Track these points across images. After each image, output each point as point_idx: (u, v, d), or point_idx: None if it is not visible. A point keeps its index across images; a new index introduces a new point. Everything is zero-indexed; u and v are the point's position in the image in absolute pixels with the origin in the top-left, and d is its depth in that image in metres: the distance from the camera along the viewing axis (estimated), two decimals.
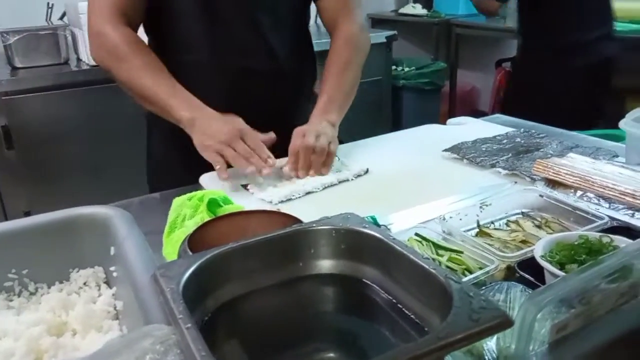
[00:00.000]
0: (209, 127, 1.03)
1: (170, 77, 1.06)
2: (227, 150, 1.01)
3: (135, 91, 1.08)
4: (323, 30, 1.34)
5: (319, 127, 1.07)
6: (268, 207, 0.94)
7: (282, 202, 0.97)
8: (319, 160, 1.05)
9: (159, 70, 1.06)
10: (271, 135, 1.09)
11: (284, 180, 1.04)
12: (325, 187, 1.02)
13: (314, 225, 0.58)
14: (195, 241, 0.64)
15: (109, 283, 0.67)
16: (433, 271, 0.46)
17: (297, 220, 0.67)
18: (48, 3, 2.47)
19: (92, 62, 2.21)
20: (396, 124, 3.32)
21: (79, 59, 2.37)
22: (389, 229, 0.83)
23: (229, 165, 1.02)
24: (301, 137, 1.06)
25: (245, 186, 1.04)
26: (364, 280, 0.55)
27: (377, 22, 3.88)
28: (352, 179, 1.05)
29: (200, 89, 1.07)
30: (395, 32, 3.08)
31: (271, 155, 1.04)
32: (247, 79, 1.14)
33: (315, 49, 1.33)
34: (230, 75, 1.13)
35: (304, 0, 1.23)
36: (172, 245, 0.80)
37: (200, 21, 1.11)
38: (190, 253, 0.59)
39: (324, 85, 1.17)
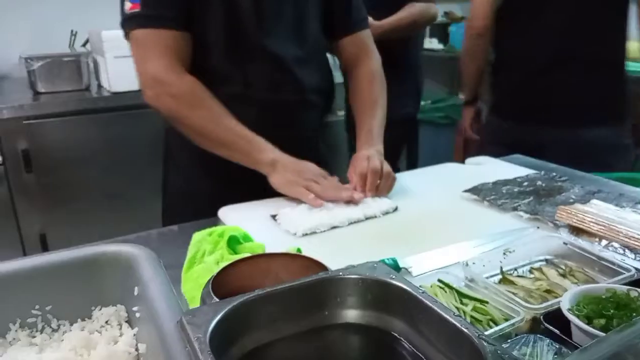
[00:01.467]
0: (291, 166, 1.10)
1: (237, 121, 1.11)
2: (314, 185, 1.08)
3: (208, 136, 1.12)
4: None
5: (376, 153, 1.15)
6: (290, 240, 0.95)
7: (305, 234, 0.97)
8: (387, 183, 1.13)
9: (230, 117, 1.11)
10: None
11: (313, 213, 1.04)
12: (350, 223, 1.02)
13: (340, 273, 0.57)
14: (218, 284, 0.64)
15: (130, 323, 0.67)
16: (465, 330, 0.45)
17: (319, 264, 0.67)
18: (72, 30, 2.53)
19: (113, 89, 2.25)
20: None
21: (100, 86, 2.42)
22: (409, 272, 0.83)
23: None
24: (366, 160, 1.12)
25: (274, 216, 1.04)
26: (392, 332, 0.54)
27: None
28: (379, 216, 1.05)
29: None
30: None
31: None
32: (274, 111, 1.19)
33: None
34: (259, 108, 1.17)
35: (325, 35, 1.28)
36: (191, 282, 0.80)
37: (229, 55, 1.14)
38: (215, 297, 0.58)
39: (362, 118, 1.26)
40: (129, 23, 1.11)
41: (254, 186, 1.12)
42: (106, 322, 0.67)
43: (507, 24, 1.75)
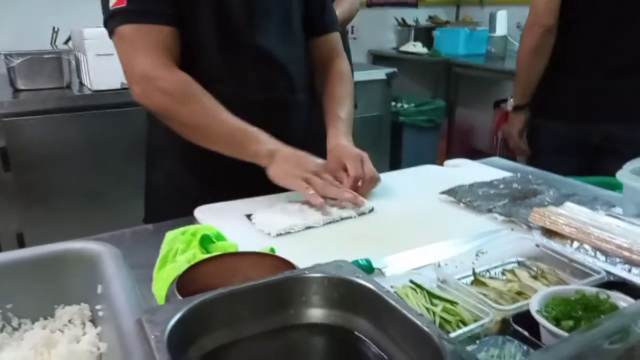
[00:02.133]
0: (291, 158, 1.07)
1: (232, 115, 1.07)
2: (315, 179, 1.04)
3: (202, 131, 1.09)
4: None
5: (359, 152, 1.15)
6: (265, 240, 0.94)
7: (280, 234, 0.96)
8: (372, 188, 1.14)
9: (223, 110, 1.07)
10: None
11: (288, 213, 1.03)
12: (326, 223, 1.01)
13: (306, 272, 0.57)
14: (185, 281, 0.63)
15: (94, 322, 0.66)
16: (426, 329, 0.45)
17: (289, 264, 0.66)
18: (54, 27, 2.50)
19: (95, 87, 2.23)
20: (394, 159, 3.34)
21: (81, 84, 2.39)
22: (383, 273, 0.82)
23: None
24: (359, 162, 1.12)
25: (249, 216, 1.03)
26: (356, 332, 0.53)
27: (378, 58, 3.94)
28: (355, 217, 1.05)
29: None
30: (395, 69, 3.12)
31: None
32: (267, 110, 1.18)
33: None
34: (252, 108, 1.15)
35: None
36: (162, 281, 0.78)
37: (221, 54, 1.13)
38: (179, 296, 0.57)
39: (332, 108, 1.26)
40: (113, 19, 1.07)
41: (241, 186, 1.10)
42: (69, 320, 0.66)
43: (573, 23, 1.74)
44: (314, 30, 1.30)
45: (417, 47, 3.78)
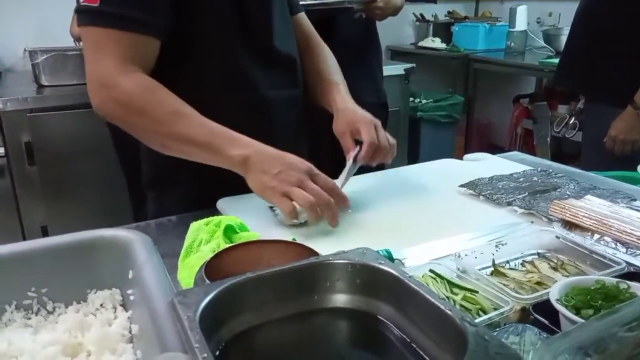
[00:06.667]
0: (269, 165, 0.92)
1: (202, 117, 0.96)
2: (296, 192, 0.90)
3: (163, 141, 0.99)
4: None
5: (372, 118, 1.11)
6: (286, 231, 0.95)
7: (301, 224, 0.96)
8: (386, 157, 1.11)
9: (190, 112, 0.96)
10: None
11: None
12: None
13: (330, 258, 0.58)
14: (212, 268, 0.65)
15: (125, 306, 0.68)
16: (449, 312, 0.46)
17: (313, 252, 0.68)
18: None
19: None
20: (412, 155, 3.33)
21: None
22: (403, 264, 0.83)
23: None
24: (373, 127, 1.08)
25: (271, 207, 1.05)
26: (379, 316, 0.55)
27: (396, 54, 3.93)
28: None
29: (232, 127, 0.99)
30: (413, 64, 3.11)
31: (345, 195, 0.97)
32: (278, 108, 1.15)
33: None
34: (260, 107, 1.11)
35: None
36: (187, 270, 0.81)
37: (244, 58, 1.08)
38: (207, 281, 0.59)
39: (331, 78, 1.22)
40: (83, 16, 0.96)
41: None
42: (101, 305, 0.68)
43: None
44: (291, 11, 1.25)
45: (435, 43, 3.77)
